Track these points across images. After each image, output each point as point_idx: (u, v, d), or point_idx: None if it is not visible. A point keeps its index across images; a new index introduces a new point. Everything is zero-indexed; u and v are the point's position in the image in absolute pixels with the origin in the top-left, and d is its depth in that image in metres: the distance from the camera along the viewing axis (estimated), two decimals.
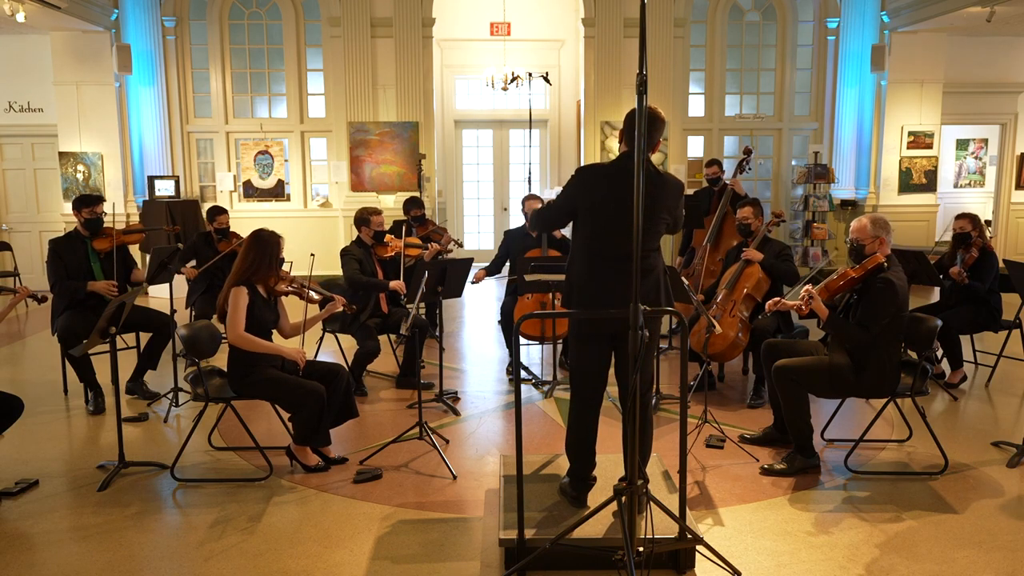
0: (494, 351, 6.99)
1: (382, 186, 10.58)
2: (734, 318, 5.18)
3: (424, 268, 4.59)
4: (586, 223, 3.32)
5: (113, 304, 3.98)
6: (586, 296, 3.31)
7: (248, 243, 4.19)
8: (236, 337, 4.07)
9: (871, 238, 4.06)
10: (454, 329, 8.01)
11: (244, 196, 10.95)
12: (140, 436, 4.83)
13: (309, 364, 4.40)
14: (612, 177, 3.30)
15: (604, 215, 3.28)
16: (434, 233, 7.11)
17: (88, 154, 10.12)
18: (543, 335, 5.70)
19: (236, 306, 4.07)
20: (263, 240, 4.18)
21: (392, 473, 4.15)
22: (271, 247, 4.15)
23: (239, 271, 4.11)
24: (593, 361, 3.39)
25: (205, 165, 11.14)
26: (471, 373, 6.30)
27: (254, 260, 4.11)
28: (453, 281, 4.97)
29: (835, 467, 4.19)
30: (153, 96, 10.54)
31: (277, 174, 10.91)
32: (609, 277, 3.28)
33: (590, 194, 3.30)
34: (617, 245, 3.25)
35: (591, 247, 3.31)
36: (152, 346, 5.47)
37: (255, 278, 4.14)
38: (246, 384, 4.12)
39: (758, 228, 5.46)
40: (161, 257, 5.19)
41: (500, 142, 12.78)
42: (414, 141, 10.51)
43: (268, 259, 4.13)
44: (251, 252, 4.13)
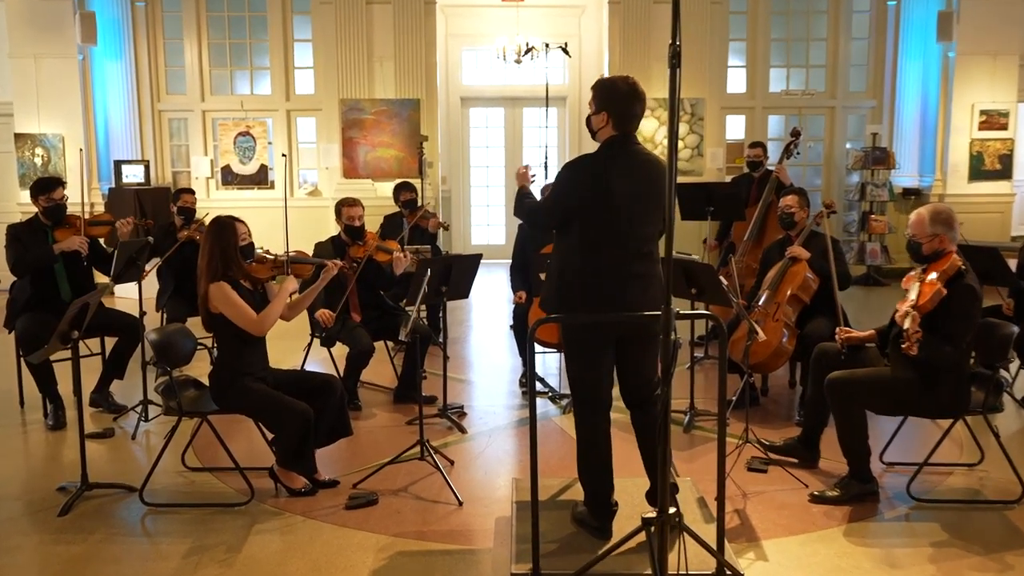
0: (505, 360, 6.97)
1: (378, 172, 10.61)
2: (778, 323, 5.16)
3: (425, 266, 4.61)
4: (583, 220, 3.35)
5: (76, 305, 3.99)
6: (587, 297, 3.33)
7: (206, 235, 4.21)
8: (256, 327, 4.11)
9: (928, 236, 3.97)
10: (460, 335, 8.00)
11: (222, 183, 11.01)
12: (105, 454, 4.84)
13: (298, 376, 4.41)
14: (609, 169, 3.34)
15: (604, 210, 3.31)
16: (422, 219, 7.14)
17: (47, 136, 10.20)
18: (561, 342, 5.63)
19: (230, 302, 4.08)
20: (220, 227, 4.20)
21: (389, 498, 4.15)
22: (229, 234, 4.17)
23: (207, 268, 4.13)
24: (598, 365, 3.41)
25: (178, 148, 11.20)
26: (479, 385, 6.29)
27: (220, 252, 4.14)
28: (459, 280, 4.95)
29: (896, 494, 4.16)
30: (120, 71, 10.62)
31: (260, 159, 10.97)
32: (612, 277, 3.31)
33: (586, 191, 3.34)
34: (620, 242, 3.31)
35: (591, 245, 3.34)
36: (119, 352, 5.50)
37: (230, 270, 4.16)
38: (227, 396, 4.14)
39: (803, 220, 5.43)
40: (129, 252, 5.20)
41: (513, 122, 12.77)
42: (415, 121, 10.53)
43: (232, 248, 4.15)
44: (213, 243, 4.15)
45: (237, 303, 4.09)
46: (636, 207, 3.36)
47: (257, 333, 4.13)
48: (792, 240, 5.44)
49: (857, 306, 8.69)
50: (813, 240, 5.32)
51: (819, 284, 5.20)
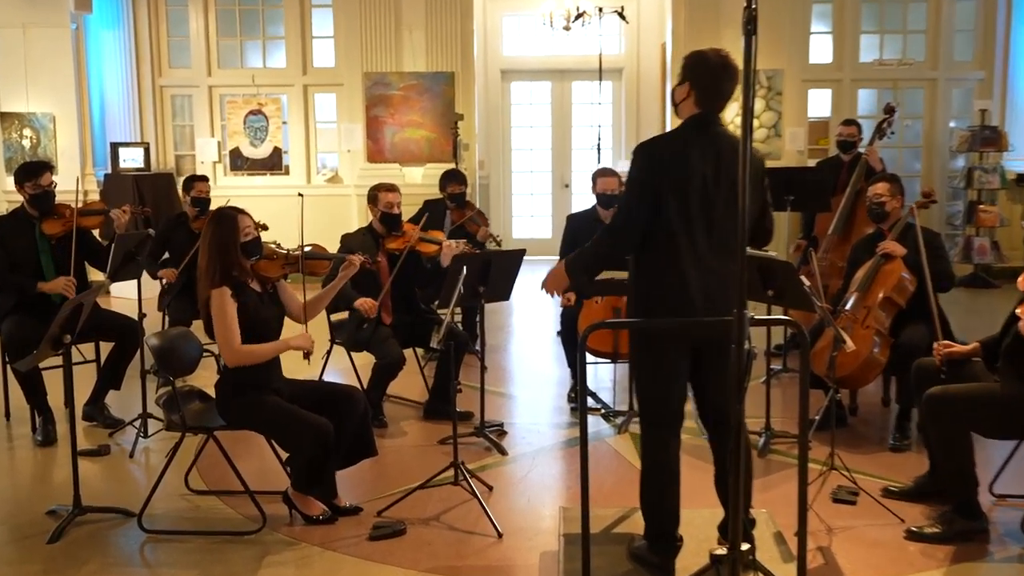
0: (552, 371, 6.95)
1: (407, 156, 10.66)
2: (869, 330, 5.10)
3: (461, 262, 4.61)
4: (664, 215, 3.36)
5: (68, 306, 4.04)
6: (667, 302, 3.36)
7: (205, 231, 4.22)
8: (232, 356, 4.12)
9: None
10: (500, 342, 7.99)
11: (231, 168, 11.14)
12: (100, 474, 4.88)
13: (316, 388, 4.44)
14: (686, 150, 3.33)
15: (681, 202, 3.32)
16: (471, 222, 7.13)
17: (37, 115, 10.40)
18: (616, 351, 5.67)
19: (222, 314, 4.09)
20: (220, 220, 4.21)
21: (419, 528, 4.15)
22: (229, 229, 4.18)
23: (209, 268, 4.15)
24: (671, 379, 3.43)
25: (182, 129, 11.36)
26: (522, 400, 6.29)
27: (219, 250, 4.15)
28: (499, 279, 4.94)
29: (1008, 531, 4.08)
30: (118, 41, 10.79)
31: (273, 140, 11.08)
32: (692, 277, 3.33)
33: (663, 176, 3.33)
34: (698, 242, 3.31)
35: (668, 240, 3.35)
36: (115, 360, 5.57)
37: (236, 269, 4.17)
38: (235, 410, 4.17)
39: (896, 211, 5.36)
40: (127, 246, 5.26)
41: (560, 98, 12.77)
42: (448, 98, 10.56)
43: (232, 245, 4.16)
44: (212, 240, 4.16)
45: (226, 319, 4.08)
46: (719, 196, 3.35)
47: (228, 361, 4.13)
48: (885, 234, 5.36)
49: (962, 311, 8.53)
50: (910, 234, 5.24)
51: (916, 285, 5.13)
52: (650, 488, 3.52)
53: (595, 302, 5.81)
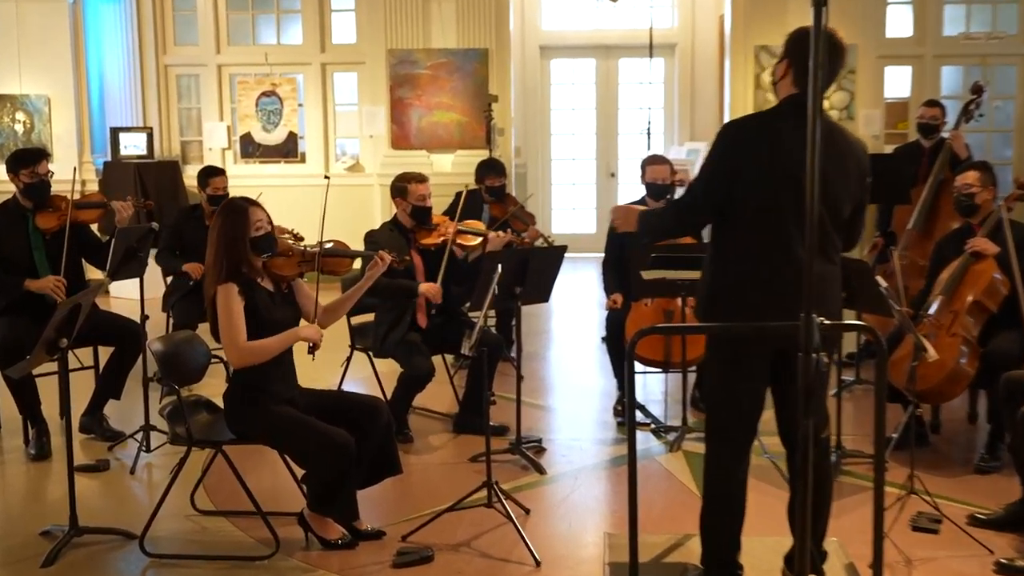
0: (595, 381, 6.94)
1: (435, 141, 10.68)
2: (955, 338, 5.05)
3: (495, 260, 4.60)
4: (743, 200, 3.36)
5: (64, 307, 4.06)
6: (740, 304, 3.37)
7: (213, 224, 4.26)
8: (237, 354, 4.13)
9: None
10: (538, 349, 7.98)
11: (242, 155, 11.19)
12: (98, 492, 4.92)
13: (335, 398, 4.47)
14: (777, 134, 3.32)
15: (767, 190, 3.32)
16: (515, 219, 7.11)
17: (31, 97, 10.52)
18: (667, 359, 5.64)
19: (227, 311, 4.12)
20: (229, 212, 4.24)
21: (448, 555, 4.15)
22: (238, 223, 4.20)
23: (215, 263, 4.18)
24: (744, 393, 3.42)
25: (188, 112, 11.44)
26: (562, 412, 6.30)
27: (227, 245, 4.18)
28: (538, 278, 4.92)
29: None
30: (119, 16, 10.87)
31: (288, 125, 11.13)
32: (776, 281, 3.33)
33: (748, 161, 3.34)
34: (789, 235, 3.29)
35: (748, 238, 3.36)
36: (115, 366, 5.62)
37: (245, 266, 4.21)
38: (246, 421, 4.20)
39: (987, 204, 5.30)
40: (128, 241, 5.29)
41: (606, 77, 12.73)
42: (481, 77, 10.58)
43: (241, 240, 4.19)
44: (220, 234, 4.20)
45: (231, 315, 4.10)
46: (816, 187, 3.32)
47: (233, 361, 4.15)
48: (974, 230, 5.30)
49: None
50: (1002, 230, 5.18)
51: (1009, 287, 5.07)
52: (712, 509, 3.52)
53: (644, 304, 5.80)
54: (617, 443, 5.60)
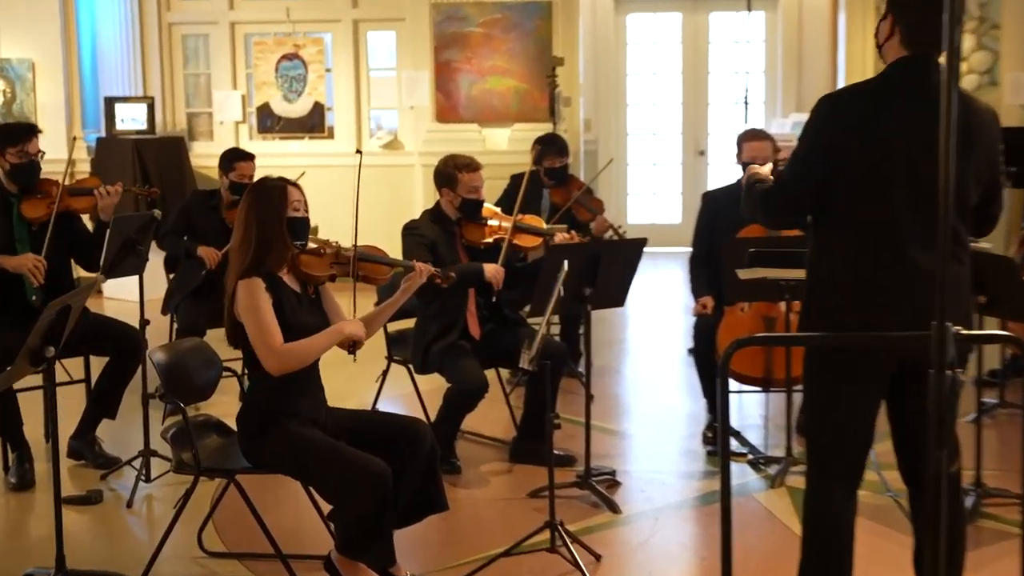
0: (681, 401, 6.91)
1: (488, 113, 10.65)
2: None
3: (560, 255, 4.57)
4: (849, 187, 3.36)
5: (52, 309, 4.07)
6: (852, 309, 3.36)
7: (243, 206, 4.25)
8: (276, 360, 4.09)
9: None
10: (611, 362, 7.96)
11: (259, 130, 11.27)
12: (90, 528, 4.92)
13: (369, 420, 4.47)
14: (892, 105, 3.31)
15: (873, 176, 3.31)
16: (579, 206, 7.09)
17: (11, 62, 10.64)
18: (768, 375, 5.62)
19: (255, 309, 4.09)
20: (263, 192, 4.25)
21: None
22: (274, 203, 4.20)
23: (239, 254, 4.18)
24: (853, 417, 3.43)
25: (196, 79, 11.52)
26: (640, 439, 6.27)
27: (260, 229, 4.17)
28: (611, 278, 4.90)
29: None
30: None
31: (314, 94, 11.17)
32: (883, 284, 3.32)
33: (853, 141, 3.32)
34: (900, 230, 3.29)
35: (850, 234, 3.37)
36: (110, 380, 5.60)
37: (271, 260, 4.19)
38: (264, 447, 4.17)
39: None
40: (126, 232, 5.28)
41: (694, 35, 12.72)
42: (544, 36, 10.52)
43: (278, 222, 4.18)
44: (250, 217, 4.19)
45: (261, 314, 4.09)
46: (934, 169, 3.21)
47: (273, 368, 4.12)
48: None
49: None
50: None
51: None
52: (812, 558, 3.51)
53: (740, 310, 5.74)
54: (707, 477, 5.57)
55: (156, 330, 5.74)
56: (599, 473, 5.35)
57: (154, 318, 5.67)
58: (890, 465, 3.87)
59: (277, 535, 4.20)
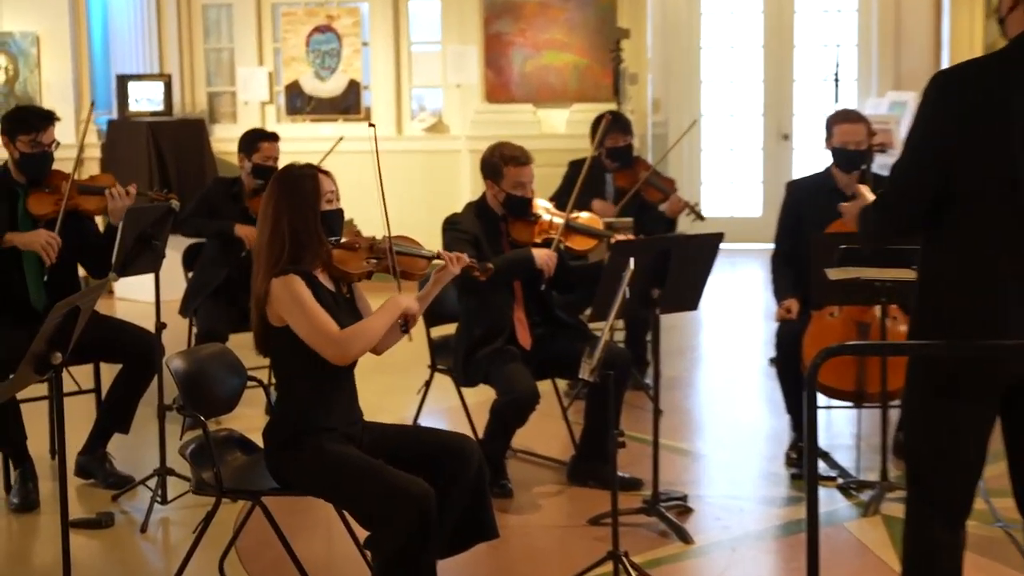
0: (761, 418, 6.96)
1: (544, 92, 10.65)
2: None
3: (625, 252, 4.59)
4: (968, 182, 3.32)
5: (59, 311, 4.07)
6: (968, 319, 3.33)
7: (268, 196, 4.26)
8: (339, 348, 4.10)
9: None
10: (682, 373, 8.00)
11: (288, 111, 11.31)
12: (100, 555, 4.96)
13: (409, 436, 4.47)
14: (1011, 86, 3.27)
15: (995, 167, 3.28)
16: (649, 188, 7.09)
17: (14, 36, 10.70)
18: (861, 389, 5.59)
19: (300, 303, 4.10)
20: (292, 181, 4.26)
21: None
22: (305, 193, 4.21)
23: (268, 252, 4.18)
24: (960, 438, 3.40)
25: (218, 55, 11.58)
26: (715, 460, 6.32)
27: (292, 222, 4.18)
28: (683, 278, 4.92)
29: None
30: None
31: (348, 71, 11.20)
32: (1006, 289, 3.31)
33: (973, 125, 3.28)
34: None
35: (969, 232, 3.33)
36: (123, 390, 5.64)
37: (307, 258, 4.20)
38: (293, 465, 4.17)
39: None
40: (141, 225, 5.30)
41: (777, 4, 12.71)
42: (606, 6, 10.52)
43: (311, 214, 4.19)
44: (279, 210, 4.20)
45: (309, 307, 4.11)
46: None
47: (337, 359, 4.14)
48: None
49: None
50: None
51: None
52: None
53: (829, 314, 5.72)
54: (790, 503, 5.55)
55: (173, 334, 5.76)
56: (668, 498, 5.36)
57: (171, 321, 5.67)
58: (1002, 492, 3.83)
59: (307, 564, 4.23)
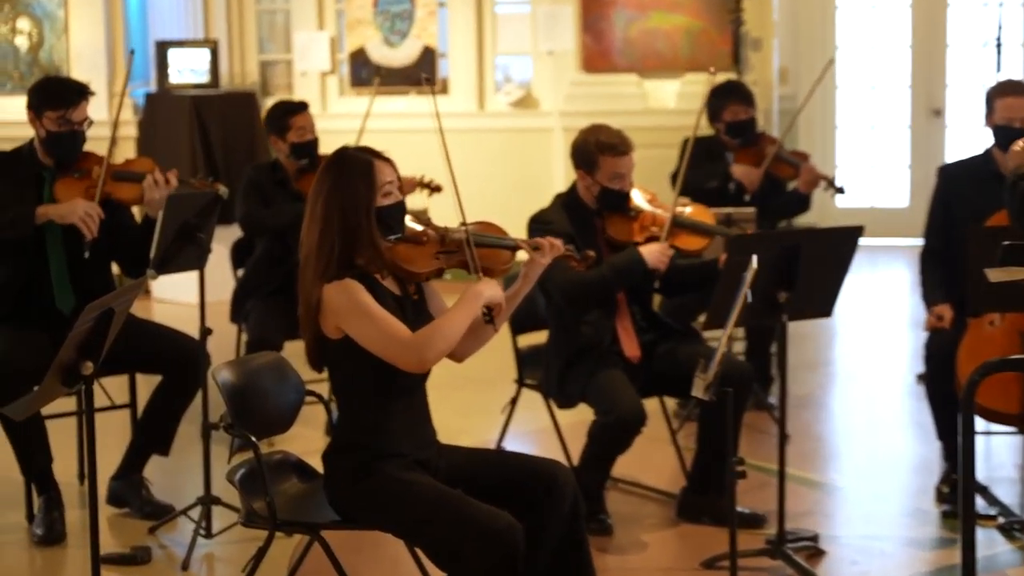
0: (907, 444, 6.99)
1: (651, 60, 10.69)
2: None
3: (745, 248, 4.62)
4: None
5: (90, 314, 4.08)
6: None
7: (320, 182, 4.26)
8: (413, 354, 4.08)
9: None
10: (813, 390, 8.01)
11: (352, 83, 11.39)
12: None
13: (493, 463, 4.46)
14: None
15: None
16: (778, 164, 7.12)
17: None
18: None
19: (360, 309, 4.10)
20: (343, 169, 4.27)
21: None
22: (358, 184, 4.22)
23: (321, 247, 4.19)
24: None
25: (271, 18, 11.70)
26: (852, 494, 6.33)
27: (343, 219, 4.19)
28: (815, 278, 4.93)
29: None
30: None
31: (423, 36, 11.26)
32: None
33: None
34: None
35: None
36: (162, 406, 5.72)
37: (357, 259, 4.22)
38: (357, 495, 4.20)
39: None
40: (184, 216, 5.35)
41: None
42: None
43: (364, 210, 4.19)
44: (330, 203, 4.20)
45: (373, 312, 4.11)
46: None
47: (413, 366, 4.13)
48: None
49: None
50: None
51: None
52: None
53: (989, 323, 5.68)
54: (941, 546, 5.52)
55: (220, 342, 5.81)
56: (796, 538, 5.35)
57: (217, 326, 5.66)
58: None
59: None
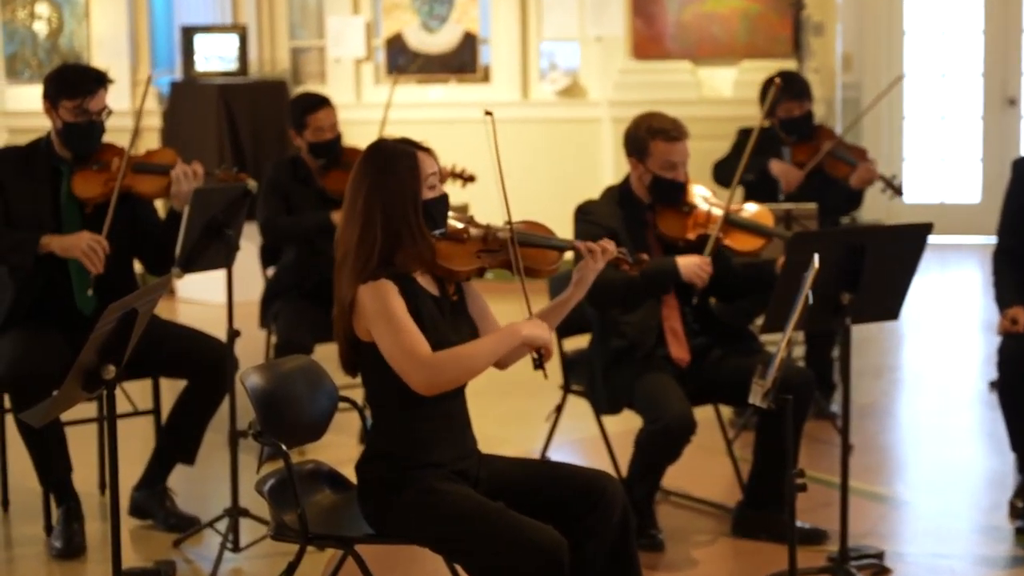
0: (978, 456, 7.00)
1: (706, 46, 10.73)
2: None
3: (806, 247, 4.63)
4: None
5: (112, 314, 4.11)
6: None
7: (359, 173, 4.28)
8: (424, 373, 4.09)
9: None
10: (878, 398, 7.98)
11: (388, 71, 11.41)
12: None
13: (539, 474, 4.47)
14: None
15: None
16: (833, 161, 7.12)
17: None
18: None
19: (387, 314, 4.12)
20: (383, 162, 4.28)
21: None
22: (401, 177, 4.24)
23: (361, 244, 4.21)
24: None
25: (303, 3, 11.63)
26: (919, 508, 6.31)
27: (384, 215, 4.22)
28: (880, 279, 4.93)
29: None
30: None
31: (463, 21, 11.31)
32: None
33: None
34: None
35: None
36: (188, 412, 5.83)
37: (401, 258, 4.26)
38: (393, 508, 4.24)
39: None
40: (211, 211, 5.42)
41: None
42: None
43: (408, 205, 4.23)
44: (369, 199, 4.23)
45: (396, 320, 4.12)
46: None
47: (422, 387, 4.14)
48: None
49: None
50: None
51: None
52: None
53: None
54: (1015, 564, 5.54)
55: (248, 345, 5.82)
56: (860, 555, 5.34)
57: (246, 328, 5.69)
58: None
59: None
